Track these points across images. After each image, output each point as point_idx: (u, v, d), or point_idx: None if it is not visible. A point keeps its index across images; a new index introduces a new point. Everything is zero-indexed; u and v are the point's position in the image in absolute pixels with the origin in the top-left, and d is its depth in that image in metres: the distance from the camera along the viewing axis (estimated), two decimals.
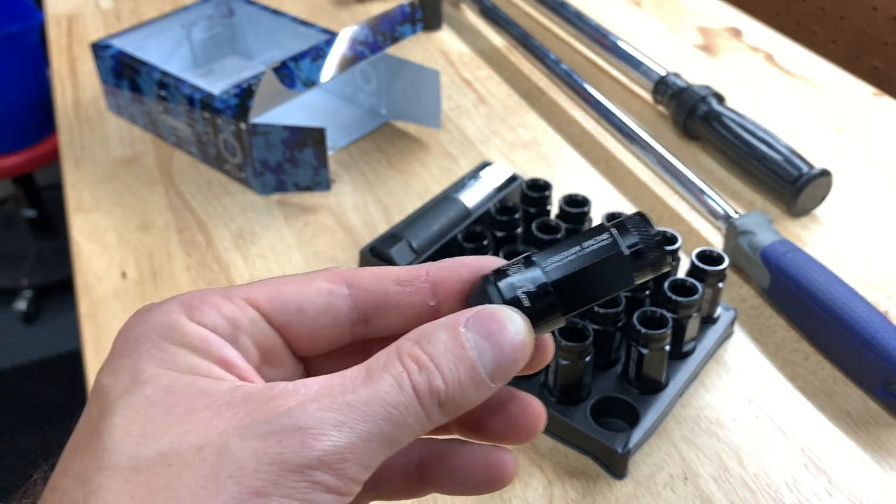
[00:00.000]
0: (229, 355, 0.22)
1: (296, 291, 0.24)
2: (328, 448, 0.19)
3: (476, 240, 0.51)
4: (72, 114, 0.78)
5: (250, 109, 0.61)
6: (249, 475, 0.19)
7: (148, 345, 0.21)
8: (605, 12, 0.92)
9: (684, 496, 0.43)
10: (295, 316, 0.24)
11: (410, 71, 0.70)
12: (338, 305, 0.24)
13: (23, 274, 1.78)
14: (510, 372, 0.22)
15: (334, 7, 0.97)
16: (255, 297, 0.23)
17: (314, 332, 0.24)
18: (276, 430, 0.19)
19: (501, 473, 0.25)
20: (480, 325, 0.22)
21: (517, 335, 0.22)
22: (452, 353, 0.21)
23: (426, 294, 0.24)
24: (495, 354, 0.22)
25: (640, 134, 0.67)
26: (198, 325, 0.22)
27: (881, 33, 1.11)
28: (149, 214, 0.65)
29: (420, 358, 0.21)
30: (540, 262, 0.23)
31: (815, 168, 0.61)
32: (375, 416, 0.20)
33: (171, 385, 0.20)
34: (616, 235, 0.23)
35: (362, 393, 0.20)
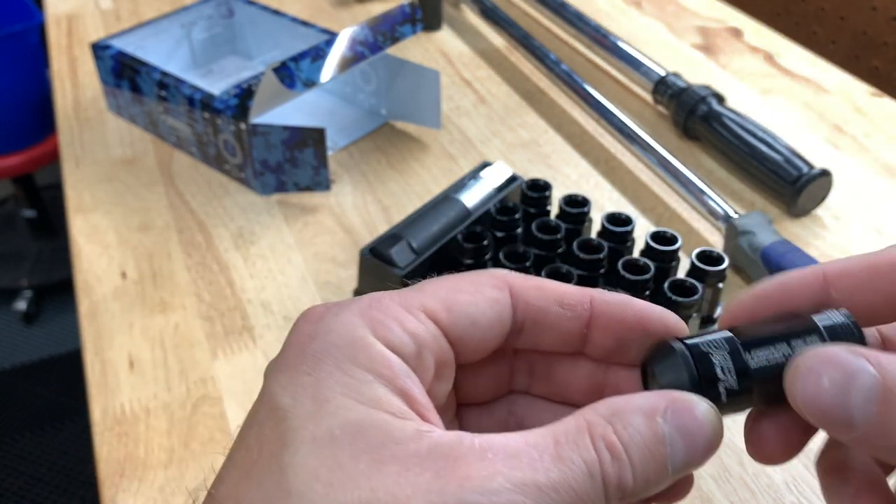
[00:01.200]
0: (410, 387, 0.21)
1: (470, 302, 0.23)
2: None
3: (476, 240, 0.51)
4: (72, 114, 0.78)
5: (250, 110, 0.61)
6: None
7: (331, 365, 0.20)
8: (605, 13, 0.92)
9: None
10: (469, 328, 0.23)
11: (410, 71, 0.70)
12: (504, 316, 0.23)
13: (23, 274, 1.78)
14: (694, 468, 0.21)
15: (334, 7, 0.97)
16: (434, 308, 0.22)
17: (481, 343, 0.23)
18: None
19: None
20: (678, 419, 0.20)
21: (710, 431, 0.21)
22: (648, 448, 0.20)
23: (583, 322, 0.24)
24: (687, 451, 0.20)
25: (640, 134, 0.67)
26: (384, 347, 0.21)
27: (881, 34, 1.11)
28: (149, 215, 0.65)
29: (614, 446, 0.20)
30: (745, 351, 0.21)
31: (815, 168, 0.61)
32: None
33: (359, 424, 0.19)
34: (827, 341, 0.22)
35: (553, 477, 0.19)
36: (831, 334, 0.22)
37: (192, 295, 0.57)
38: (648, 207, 0.64)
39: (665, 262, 0.51)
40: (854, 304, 0.23)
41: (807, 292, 0.23)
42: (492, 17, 0.87)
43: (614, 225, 0.52)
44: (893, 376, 0.19)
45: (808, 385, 0.20)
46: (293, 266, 0.59)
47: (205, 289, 0.57)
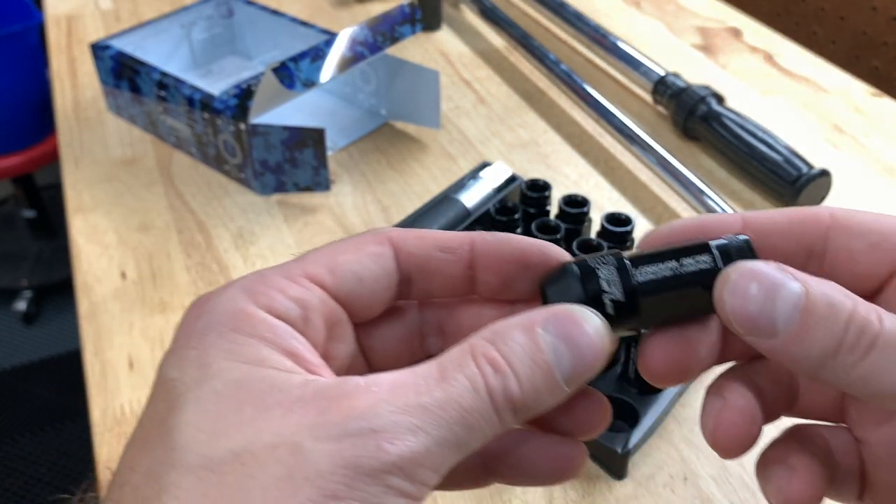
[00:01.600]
0: (297, 347, 0.21)
1: (352, 260, 0.24)
2: (404, 453, 0.19)
3: None
4: (71, 114, 0.78)
5: (250, 110, 0.61)
6: (325, 478, 0.18)
7: (214, 335, 0.21)
8: (604, 13, 0.92)
9: (684, 496, 0.43)
10: (355, 286, 0.23)
11: (410, 71, 0.70)
12: (389, 269, 0.24)
13: (22, 274, 1.78)
14: (586, 378, 0.21)
15: (334, 7, 0.97)
16: (316, 272, 0.23)
17: (372, 299, 0.24)
18: (351, 432, 0.19)
19: (570, 465, 0.24)
20: (559, 327, 0.21)
21: (597, 340, 0.21)
22: (529, 357, 0.20)
23: (466, 263, 0.24)
24: (573, 359, 0.21)
25: (639, 134, 0.67)
26: (266, 314, 0.21)
27: (881, 34, 1.11)
28: (148, 215, 0.65)
29: (496, 360, 0.20)
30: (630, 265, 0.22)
31: (814, 168, 0.61)
32: (450, 421, 0.19)
33: (242, 379, 0.20)
34: (718, 259, 0.22)
35: (437, 395, 0.20)
36: (724, 253, 0.22)
37: (192, 295, 0.57)
38: (648, 207, 0.64)
39: None
40: (767, 247, 0.24)
41: (724, 232, 0.24)
42: (491, 18, 0.87)
43: (614, 225, 0.52)
44: (816, 290, 0.20)
45: (737, 292, 0.21)
46: None
47: (204, 289, 0.57)
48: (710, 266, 0.22)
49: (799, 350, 0.20)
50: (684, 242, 0.23)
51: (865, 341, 0.20)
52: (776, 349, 0.21)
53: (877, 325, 0.20)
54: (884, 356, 0.20)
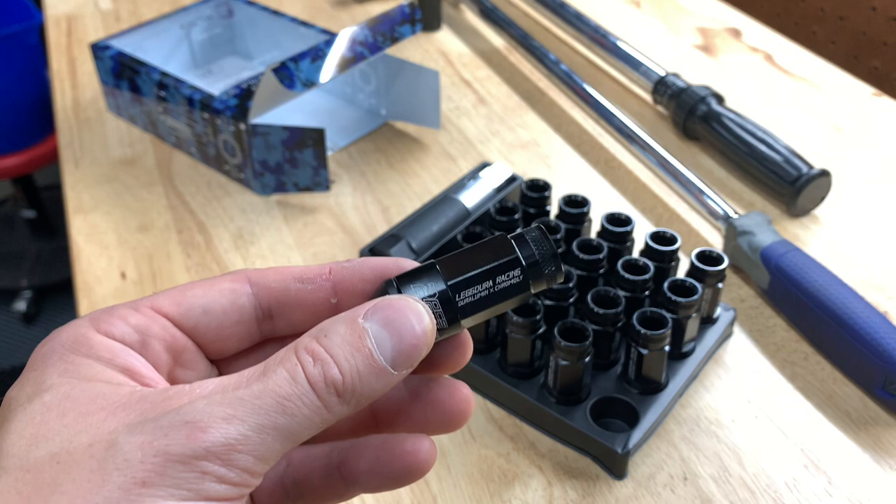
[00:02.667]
0: (134, 363, 0.22)
1: (200, 294, 0.24)
2: (216, 440, 0.19)
3: (475, 240, 0.51)
4: (71, 114, 0.78)
5: (250, 110, 0.61)
6: (135, 466, 0.19)
7: (54, 358, 0.22)
8: (604, 13, 0.92)
9: (684, 497, 0.43)
10: (202, 317, 0.24)
11: (410, 71, 0.70)
12: (242, 303, 0.25)
13: (22, 275, 1.78)
14: (413, 359, 0.22)
15: (333, 8, 0.97)
16: (161, 304, 0.24)
17: (222, 332, 0.25)
18: (164, 425, 0.19)
19: (416, 459, 0.25)
20: (380, 314, 0.22)
21: (418, 322, 0.22)
22: (349, 344, 0.21)
23: (328, 292, 0.25)
24: (395, 342, 0.22)
25: (639, 134, 0.67)
26: (104, 337, 0.23)
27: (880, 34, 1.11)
28: (148, 215, 0.65)
29: (315, 350, 0.21)
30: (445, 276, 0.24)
31: (814, 168, 0.61)
32: (267, 408, 0.20)
33: (70, 391, 0.21)
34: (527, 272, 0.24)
35: (254, 387, 0.20)
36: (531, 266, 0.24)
37: None
38: (648, 207, 0.64)
39: (665, 262, 0.51)
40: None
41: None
42: (491, 18, 0.87)
43: (614, 225, 0.52)
44: None
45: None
46: None
47: None
48: (519, 280, 0.24)
49: None
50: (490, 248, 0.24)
51: None
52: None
53: None
54: None
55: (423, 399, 0.25)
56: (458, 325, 0.24)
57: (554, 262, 0.24)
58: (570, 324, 0.45)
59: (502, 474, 0.44)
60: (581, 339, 0.44)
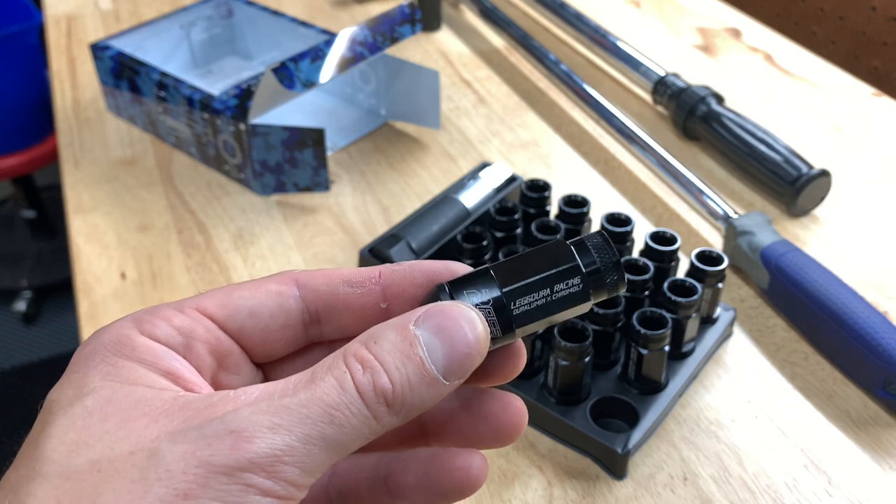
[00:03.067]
0: (177, 367, 0.22)
1: (247, 296, 0.24)
2: (261, 450, 0.19)
3: (475, 240, 0.51)
4: (71, 115, 0.78)
5: (249, 110, 0.61)
6: (177, 477, 0.18)
7: (97, 360, 0.21)
8: (604, 13, 0.92)
9: (684, 497, 0.43)
10: (248, 320, 0.24)
11: (410, 71, 0.70)
12: (289, 307, 0.24)
13: (22, 275, 1.78)
14: (465, 369, 0.21)
15: (333, 8, 0.97)
16: (206, 305, 0.23)
17: (268, 336, 0.24)
18: (208, 434, 0.19)
19: (468, 476, 0.24)
20: (432, 321, 0.21)
21: (471, 331, 0.21)
22: (400, 352, 0.21)
23: (377, 296, 0.24)
24: (447, 350, 0.21)
25: (639, 134, 0.67)
26: (148, 339, 0.22)
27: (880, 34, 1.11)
28: (148, 215, 0.65)
29: (365, 358, 0.20)
30: (501, 283, 0.23)
31: (814, 168, 0.61)
32: (314, 417, 0.19)
33: (112, 395, 0.20)
34: (587, 280, 0.23)
35: (301, 396, 0.20)
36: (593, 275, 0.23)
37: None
38: (648, 207, 0.64)
39: (664, 262, 0.51)
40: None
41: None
42: (491, 18, 0.87)
43: (614, 225, 0.52)
44: None
45: None
46: (293, 267, 0.59)
47: (204, 289, 0.57)
48: (579, 289, 0.23)
49: None
50: (550, 254, 0.23)
51: None
52: None
53: None
54: None
55: (475, 412, 0.24)
56: (513, 333, 0.23)
57: (616, 272, 0.23)
58: (570, 324, 0.45)
59: (502, 474, 0.44)
60: (581, 339, 0.44)
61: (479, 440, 0.25)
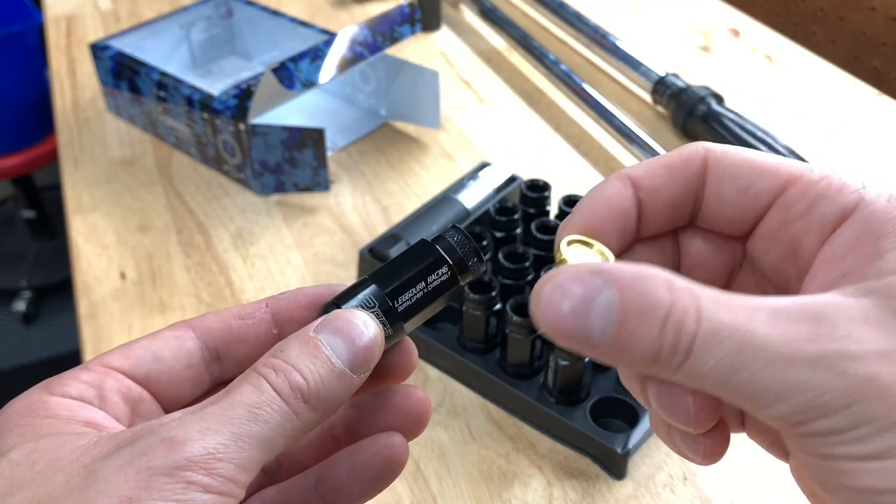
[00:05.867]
0: (95, 417, 0.22)
1: (146, 344, 0.25)
2: (196, 450, 0.20)
3: (475, 241, 0.51)
4: (71, 115, 0.78)
5: (249, 110, 0.61)
6: (119, 487, 0.19)
7: (10, 425, 0.22)
8: (604, 13, 0.92)
9: (684, 497, 0.43)
10: (153, 365, 0.25)
11: (409, 71, 0.70)
12: (189, 347, 0.25)
13: (22, 275, 1.78)
14: (368, 361, 0.23)
15: (333, 8, 0.97)
16: (111, 360, 0.24)
17: (174, 377, 0.25)
18: (141, 446, 0.20)
19: (393, 452, 0.25)
20: (329, 326, 0.23)
21: (366, 326, 0.23)
22: (307, 354, 0.22)
23: (268, 324, 0.26)
24: (348, 345, 0.23)
25: (639, 134, 0.67)
26: (60, 397, 0.23)
27: (880, 34, 1.11)
28: (148, 215, 0.65)
29: (275, 363, 0.22)
30: (381, 287, 0.25)
31: None
32: (239, 417, 0.21)
33: (36, 446, 0.21)
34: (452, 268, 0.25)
35: (223, 402, 0.21)
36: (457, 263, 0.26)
37: (192, 296, 0.57)
38: None
39: None
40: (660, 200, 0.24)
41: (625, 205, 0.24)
42: (491, 18, 0.87)
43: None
44: (630, 293, 0.19)
45: (549, 312, 0.20)
46: (292, 266, 0.59)
47: (204, 289, 0.57)
48: (448, 277, 0.26)
49: (620, 358, 0.20)
50: (416, 254, 0.25)
51: (683, 346, 0.19)
52: (600, 357, 0.20)
53: (692, 327, 0.19)
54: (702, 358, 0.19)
55: (382, 409, 0.26)
56: (402, 329, 0.25)
57: (475, 256, 0.26)
58: None
59: (502, 474, 0.44)
60: None
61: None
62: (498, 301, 0.48)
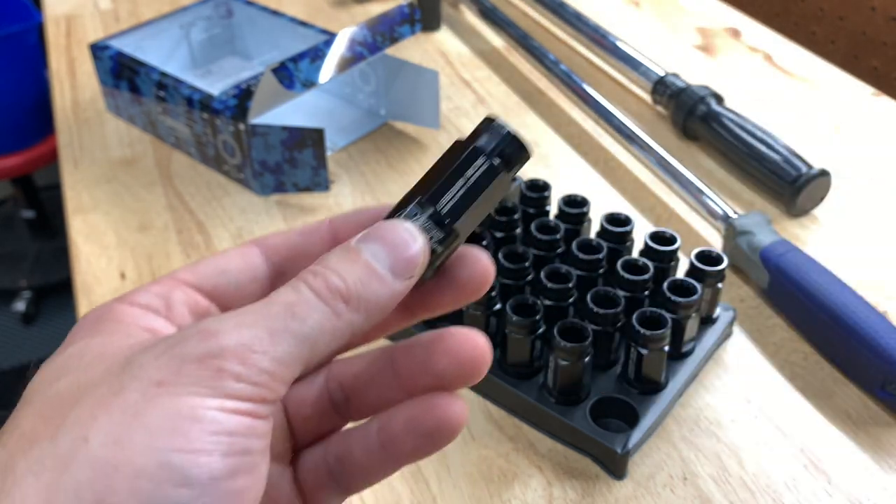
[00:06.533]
0: (158, 325, 0.24)
1: (214, 261, 0.26)
2: (231, 341, 0.20)
3: (475, 240, 0.51)
4: (70, 115, 0.78)
5: (249, 110, 0.61)
6: (149, 371, 0.20)
7: (81, 328, 0.24)
8: (603, 13, 0.92)
9: (684, 497, 0.43)
10: (220, 277, 0.25)
11: (409, 71, 0.70)
12: (254, 262, 0.26)
13: (22, 275, 1.78)
14: (411, 265, 0.23)
15: (333, 8, 0.97)
16: (180, 274, 0.26)
17: (240, 290, 0.26)
18: (178, 338, 0.20)
19: (448, 414, 0.25)
20: (370, 234, 0.23)
21: (406, 232, 0.23)
22: (346, 260, 0.23)
23: (330, 242, 0.26)
24: (389, 251, 0.23)
25: (639, 134, 0.67)
26: (129, 305, 0.24)
27: (880, 34, 1.11)
28: (148, 215, 0.65)
29: (314, 269, 0.22)
30: (420, 195, 0.25)
31: (813, 168, 0.61)
32: (277, 314, 0.21)
33: (90, 342, 0.22)
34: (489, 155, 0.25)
35: (261, 302, 0.21)
36: (493, 149, 0.26)
37: None
38: (647, 207, 0.64)
39: (664, 262, 0.51)
40: None
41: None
42: (490, 18, 0.87)
43: (613, 225, 0.52)
44: None
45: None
46: None
47: None
48: (488, 166, 0.25)
49: None
50: (450, 154, 0.26)
51: None
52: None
53: None
54: None
55: (438, 351, 0.26)
56: (454, 231, 0.24)
57: (513, 141, 0.26)
58: (570, 324, 0.45)
59: (502, 474, 0.44)
60: (581, 339, 0.44)
61: (447, 379, 0.26)
62: (498, 301, 0.48)
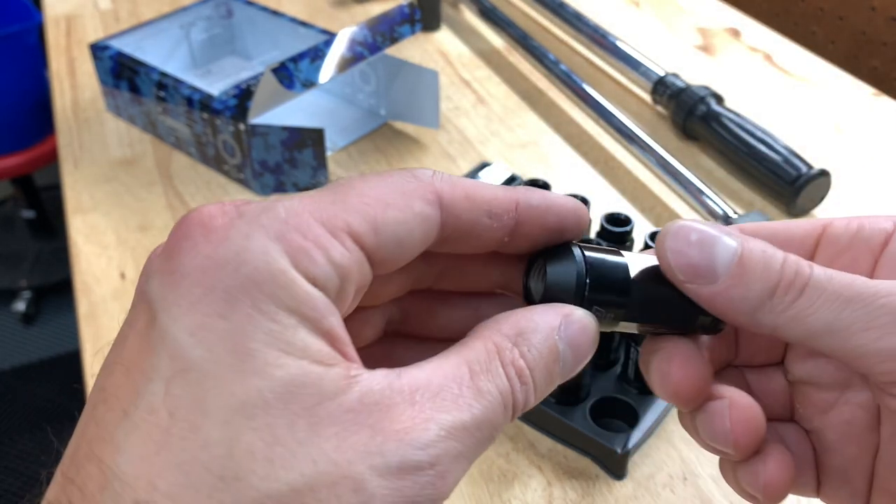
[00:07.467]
0: (334, 326, 0.19)
1: (399, 220, 0.20)
2: (451, 486, 0.19)
3: None
4: (70, 115, 0.78)
5: (249, 110, 0.61)
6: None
7: (247, 304, 0.17)
8: (603, 13, 0.92)
9: (684, 497, 0.43)
10: (394, 251, 0.20)
11: (409, 71, 0.70)
12: (431, 234, 0.21)
13: (22, 275, 1.78)
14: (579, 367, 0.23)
15: (333, 8, 0.97)
16: (360, 230, 0.20)
17: (401, 262, 0.21)
18: (410, 465, 0.18)
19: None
20: (571, 335, 0.22)
21: (592, 347, 0.22)
22: (546, 368, 0.21)
23: (507, 232, 0.23)
24: (573, 364, 0.22)
25: (639, 134, 0.67)
26: (306, 282, 0.18)
27: (880, 34, 1.11)
28: (148, 215, 0.65)
29: (523, 372, 0.21)
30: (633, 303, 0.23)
31: (813, 168, 0.61)
32: (483, 440, 0.20)
33: (291, 383, 0.17)
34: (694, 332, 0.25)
35: (476, 414, 0.19)
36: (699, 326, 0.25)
37: None
38: (647, 207, 0.64)
39: None
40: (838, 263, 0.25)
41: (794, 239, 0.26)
42: (490, 18, 0.87)
43: (613, 225, 0.52)
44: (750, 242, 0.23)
45: (679, 240, 0.23)
46: None
47: None
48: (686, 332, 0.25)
49: (738, 293, 0.22)
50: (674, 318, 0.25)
51: (798, 283, 0.22)
52: (716, 295, 0.22)
53: (808, 271, 0.22)
54: (814, 296, 0.22)
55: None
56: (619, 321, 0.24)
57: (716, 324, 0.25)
58: None
59: (502, 474, 0.44)
60: None
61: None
62: None
